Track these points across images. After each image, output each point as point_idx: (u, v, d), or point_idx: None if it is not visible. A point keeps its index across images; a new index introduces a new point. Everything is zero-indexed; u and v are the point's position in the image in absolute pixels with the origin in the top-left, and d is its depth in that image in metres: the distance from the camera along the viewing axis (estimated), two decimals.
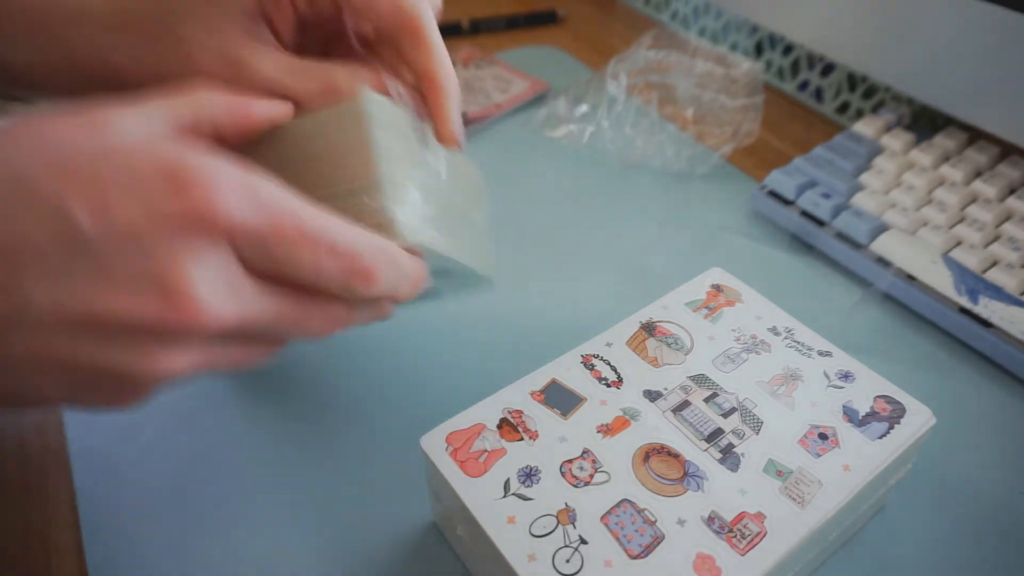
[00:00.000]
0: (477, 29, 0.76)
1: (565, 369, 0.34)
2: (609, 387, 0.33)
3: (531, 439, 0.31)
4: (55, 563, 0.35)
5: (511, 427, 0.32)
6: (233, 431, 0.40)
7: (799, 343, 0.36)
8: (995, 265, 0.45)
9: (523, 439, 0.31)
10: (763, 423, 0.32)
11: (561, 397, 0.33)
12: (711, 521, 0.29)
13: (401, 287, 0.27)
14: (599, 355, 0.35)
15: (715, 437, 0.31)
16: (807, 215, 0.50)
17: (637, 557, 0.27)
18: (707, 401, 0.33)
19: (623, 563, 0.27)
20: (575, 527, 0.28)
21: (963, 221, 0.48)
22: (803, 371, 0.34)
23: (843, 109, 0.63)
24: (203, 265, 0.22)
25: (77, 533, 0.36)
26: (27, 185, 0.21)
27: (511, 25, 0.77)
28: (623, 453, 0.31)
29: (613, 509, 0.29)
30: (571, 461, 0.31)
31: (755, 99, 0.56)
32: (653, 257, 0.50)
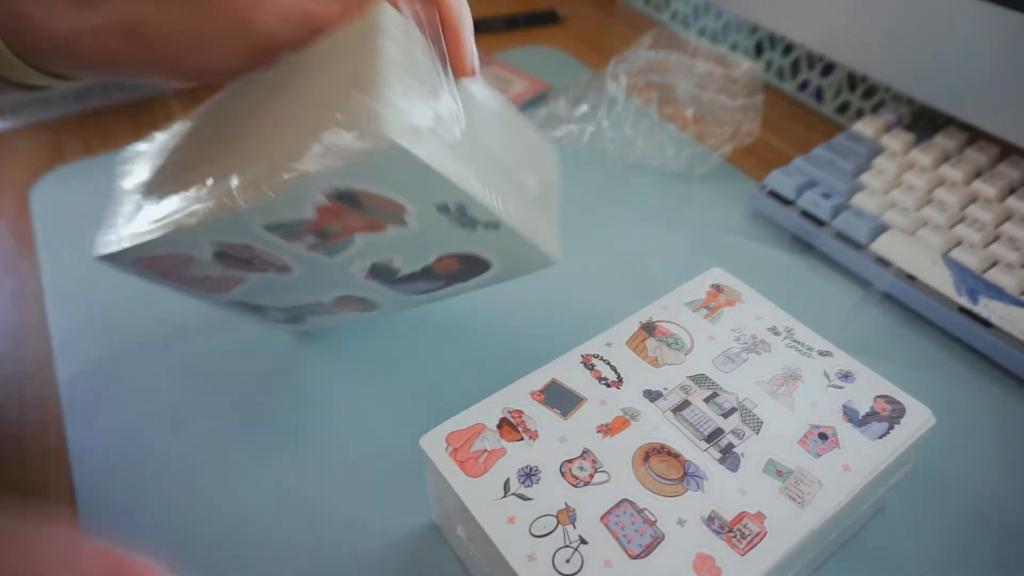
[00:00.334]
0: (477, 29, 0.75)
1: (565, 369, 0.34)
2: (609, 387, 0.33)
3: (531, 439, 0.31)
4: None
5: (511, 427, 0.32)
6: (232, 432, 0.40)
7: (799, 343, 0.36)
8: (995, 265, 0.45)
9: (523, 439, 0.31)
10: (763, 423, 0.32)
11: (561, 397, 0.33)
12: (711, 521, 0.29)
13: None
14: (599, 355, 0.35)
15: (715, 437, 0.31)
16: (807, 215, 0.50)
17: (637, 557, 0.27)
18: (707, 401, 0.33)
19: (623, 563, 0.27)
20: (575, 527, 0.28)
21: (963, 221, 0.48)
22: (803, 371, 0.34)
23: (843, 109, 0.63)
24: None
25: None
26: None
27: (511, 25, 0.77)
28: (623, 453, 0.31)
29: (613, 509, 0.29)
30: (571, 461, 0.31)
31: (755, 99, 0.56)
32: (653, 257, 0.50)
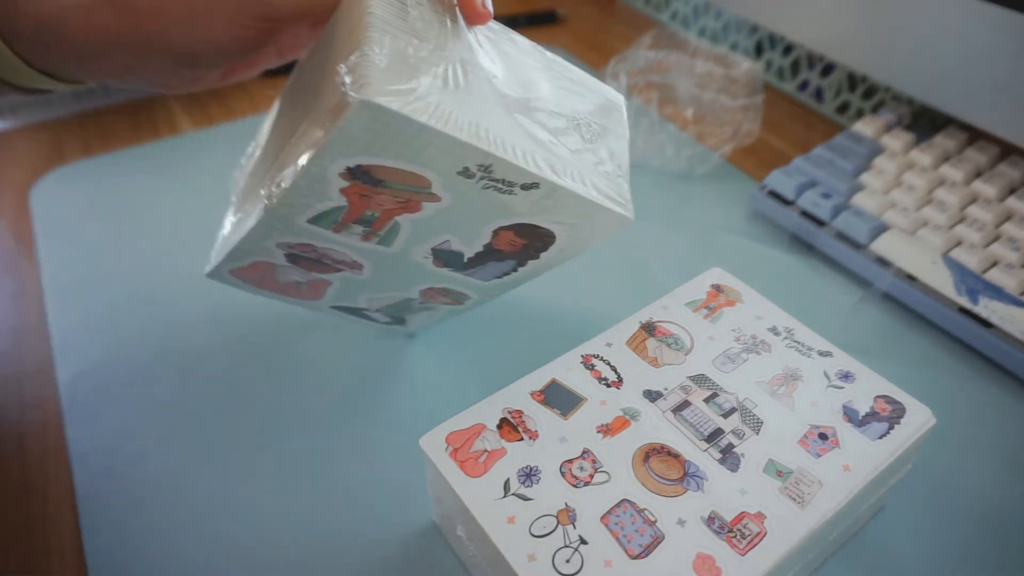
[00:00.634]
0: None
1: (565, 369, 0.34)
2: (609, 387, 0.33)
3: (531, 439, 0.31)
4: (55, 563, 0.35)
5: (511, 427, 0.32)
6: (232, 431, 0.40)
7: (799, 343, 0.36)
8: (995, 265, 0.45)
9: (523, 439, 0.31)
10: (763, 423, 0.32)
11: (561, 397, 0.33)
12: (711, 521, 0.29)
13: None
14: (599, 355, 0.35)
15: (715, 437, 0.31)
16: (807, 215, 0.50)
17: (637, 557, 0.27)
18: (707, 401, 0.33)
19: (623, 563, 0.27)
20: (575, 527, 0.28)
21: (963, 221, 0.48)
22: (803, 371, 0.34)
23: (843, 109, 0.63)
24: None
25: (77, 533, 0.36)
26: None
27: (511, 25, 0.76)
28: (623, 453, 0.31)
29: (613, 509, 0.29)
30: (571, 461, 0.31)
31: (755, 99, 0.56)
32: (653, 257, 0.50)
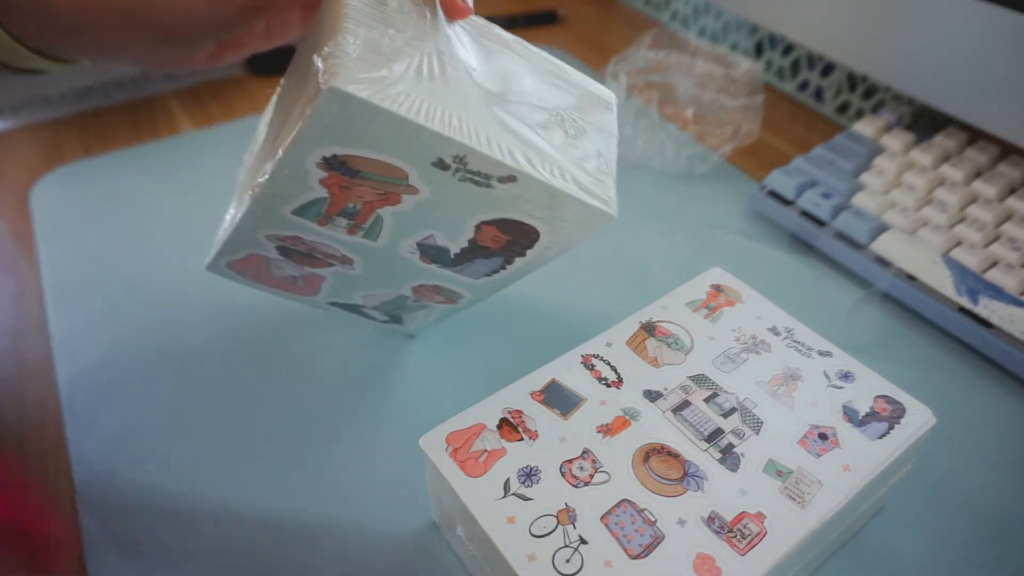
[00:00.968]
0: None
1: (565, 369, 0.34)
2: (609, 387, 0.33)
3: (531, 439, 0.31)
4: (55, 563, 0.35)
5: (511, 427, 0.32)
6: (232, 431, 0.40)
7: (799, 343, 0.36)
8: (995, 265, 0.45)
9: (523, 439, 0.31)
10: (763, 423, 0.32)
11: (561, 397, 0.33)
12: (711, 521, 0.29)
13: None
14: (599, 355, 0.35)
15: (715, 437, 0.31)
16: (807, 215, 0.50)
17: (637, 557, 0.27)
18: (707, 401, 0.33)
19: (623, 563, 0.27)
20: (575, 527, 0.28)
21: (963, 221, 0.48)
22: (803, 371, 0.34)
23: (843, 109, 0.63)
24: None
25: (77, 533, 0.36)
26: None
27: (511, 25, 0.77)
28: (623, 453, 0.31)
29: (613, 509, 0.29)
30: (571, 461, 0.31)
31: (755, 99, 0.56)
32: (653, 257, 0.50)
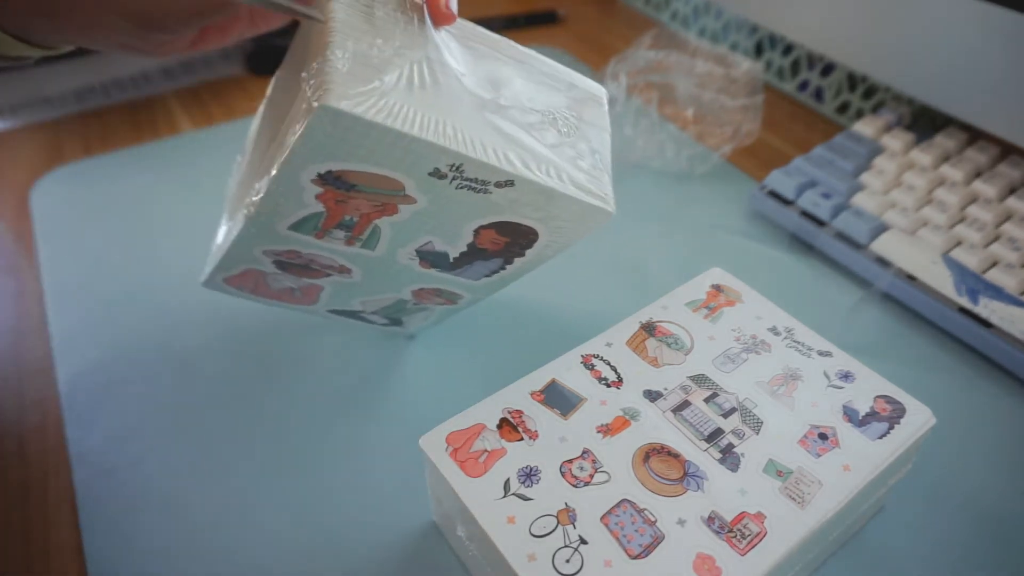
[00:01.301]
0: None
1: (565, 369, 0.34)
2: (609, 387, 0.33)
3: (531, 439, 0.31)
4: (55, 563, 0.35)
5: (511, 427, 0.32)
6: (232, 431, 0.40)
7: (799, 343, 0.36)
8: (995, 265, 0.45)
9: (523, 439, 0.31)
10: (763, 423, 0.32)
11: (561, 397, 0.33)
12: (711, 521, 0.29)
13: None
14: (599, 355, 0.35)
15: (715, 437, 0.31)
16: (807, 215, 0.50)
17: (637, 557, 0.27)
18: (707, 401, 0.33)
19: (623, 563, 0.27)
20: (575, 527, 0.28)
21: (963, 221, 0.48)
22: (803, 371, 0.34)
23: (843, 109, 0.63)
24: None
25: (77, 533, 0.36)
26: None
27: (511, 25, 0.77)
28: (623, 453, 0.31)
29: (613, 509, 0.29)
30: (571, 461, 0.31)
31: (755, 99, 0.56)
32: (653, 257, 0.50)
